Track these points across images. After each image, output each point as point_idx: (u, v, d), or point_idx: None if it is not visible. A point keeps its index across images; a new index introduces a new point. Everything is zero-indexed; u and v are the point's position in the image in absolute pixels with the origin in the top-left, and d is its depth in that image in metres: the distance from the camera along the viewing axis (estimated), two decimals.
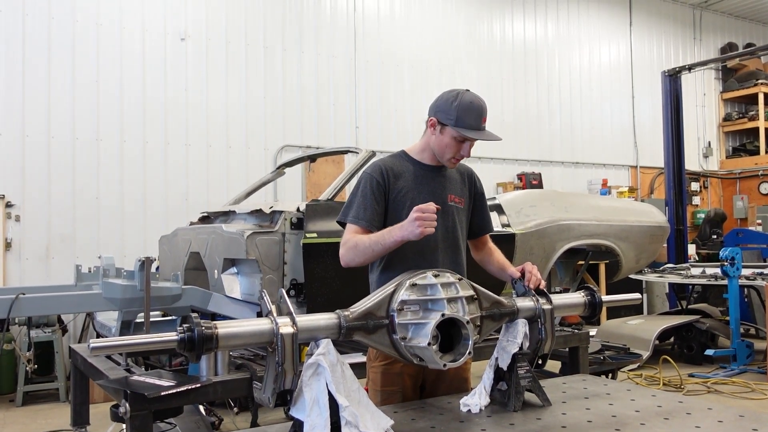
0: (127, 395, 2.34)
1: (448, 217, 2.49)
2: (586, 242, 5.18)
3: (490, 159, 10.08)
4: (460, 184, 2.58)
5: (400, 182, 2.46)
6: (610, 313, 8.61)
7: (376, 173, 2.44)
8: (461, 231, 2.54)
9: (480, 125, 2.42)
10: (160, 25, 7.64)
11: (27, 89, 6.87)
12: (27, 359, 5.42)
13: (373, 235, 2.30)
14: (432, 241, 2.42)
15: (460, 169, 2.63)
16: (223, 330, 1.67)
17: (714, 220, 11.44)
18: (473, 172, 2.69)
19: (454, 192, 2.54)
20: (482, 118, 2.43)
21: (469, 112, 2.41)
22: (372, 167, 2.49)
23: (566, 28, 11.24)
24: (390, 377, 2.44)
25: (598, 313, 2.34)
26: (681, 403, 2.16)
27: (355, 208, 2.41)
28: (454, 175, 2.58)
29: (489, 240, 2.71)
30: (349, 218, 2.40)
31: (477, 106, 2.43)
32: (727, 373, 6.50)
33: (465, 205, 2.58)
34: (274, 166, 7.36)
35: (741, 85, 13.15)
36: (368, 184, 2.43)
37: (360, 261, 2.34)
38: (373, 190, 2.41)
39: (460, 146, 2.44)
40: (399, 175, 2.47)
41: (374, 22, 9.19)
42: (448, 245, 2.47)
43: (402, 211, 2.42)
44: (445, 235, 2.48)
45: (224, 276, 3.94)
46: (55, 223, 6.90)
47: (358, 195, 2.43)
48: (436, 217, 2.15)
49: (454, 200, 2.53)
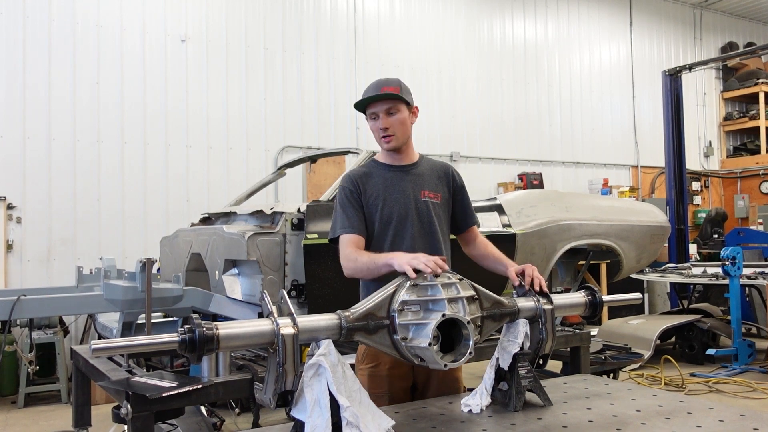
0: (129, 396, 2.34)
1: (422, 213, 2.51)
2: (587, 242, 5.18)
3: (491, 159, 10.09)
4: (435, 180, 2.60)
5: (371, 187, 2.51)
6: (612, 313, 8.61)
7: (348, 183, 2.53)
8: (440, 225, 2.55)
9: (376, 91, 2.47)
10: (161, 26, 7.65)
11: (28, 91, 6.88)
12: (28, 361, 5.42)
13: (370, 256, 2.32)
14: (408, 237, 2.46)
15: (436, 166, 2.66)
16: (224, 331, 1.67)
17: (715, 220, 11.43)
18: (450, 168, 2.70)
19: (428, 188, 2.56)
20: (380, 88, 2.47)
21: (367, 89, 2.50)
22: (343, 179, 2.58)
23: (566, 28, 11.24)
24: (376, 380, 2.46)
25: (599, 312, 2.34)
26: (682, 403, 2.16)
27: (339, 221, 2.47)
28: (428, 171, 2.61)
29: (478, 234, 2.70)
30: (338, 232, 2.46)
31: (373, 83, 2.52)
32: (729, 373, 6.50)
33: (442, 200, 2.59)
34: (274, 167, 7.37)
35: (741, 84, 13.14)
36: (343, 195, 2.51)
37: (360, 276, 2.40)
38: (349, 198, 2.49)
39: (375, 122, 2.50)
40: (369, 179, 2.53)
41: (374, 23, 9.20)
42: (426, 241, 2.48)
43: (375, 214, 2.48)
44: (422, 231, 2.50)
45: (225, 277, 3.94)
46: (56, 225, 6.91)
47: (338, 208, 2.50)
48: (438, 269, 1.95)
49: (428, 195, 2.54)
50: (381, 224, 2.49)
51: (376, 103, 2.47)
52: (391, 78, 2.53)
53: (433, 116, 9.52)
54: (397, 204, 2.50)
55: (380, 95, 2.45)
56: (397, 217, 2.48)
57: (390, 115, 2.48)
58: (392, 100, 2.47)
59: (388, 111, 2.47)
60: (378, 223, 2.49)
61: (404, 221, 2.48)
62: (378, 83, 2.49)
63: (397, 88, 2.47)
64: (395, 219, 2.48)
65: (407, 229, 2.48)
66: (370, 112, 2.50)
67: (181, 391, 2.39)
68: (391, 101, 2.47)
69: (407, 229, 2.48)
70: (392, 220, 2.48)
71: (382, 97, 2.45)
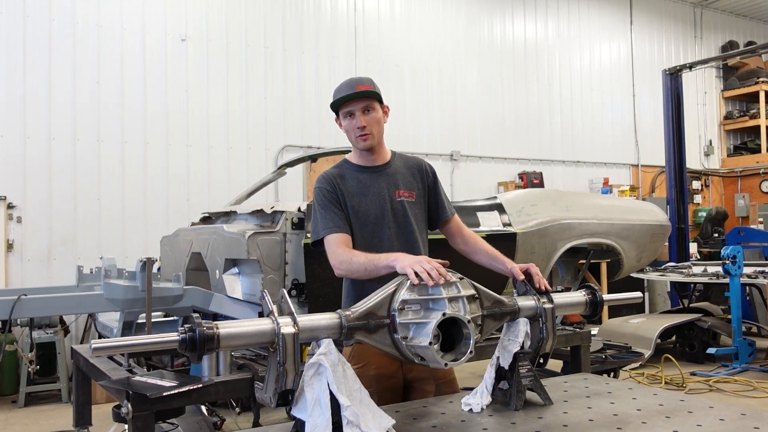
0: (129, 396, 2.34)
1: (398, 214, 2.50)
2: (587, 241, 5.17)
3: (491, 158, 10.09)
4: (409, 178, 2.59)
5: (346, 187, 2.50)
6: (612, 312, 8.61)
7: (324, 183, 2.51)
8: (417, 224, 2.54)
9: (351, 90, 2.45)
10: (161, 26, 7.65)
11: (28, 91, 6.88)
12: (29, 360, 5.43)
13: (368, 256, 2.29)
14: (386, 239, 2.46)
15: (409, 162, 2.64)
16: (225, 330, 1.67)
17: (715, 219, 11.43)
18: (423, 163, 2.68)
19: (402, 187, 2.55)
20: (355, 86, 2.46)
21: (340, 88, 2.49)
22: (318, 180, 2.54)
23: (566, 27, 11.24)
24: (364, 380, 2.41)
25: (599, 311, 2.34)
26: (683, 402, 2.15)
27: (322, 222, 2.45)
28: (401, 170, 2.59)
29: (462, 226, 2.66)
30: (322, 233, 2.43)
31: (346, 81, 2.50)
32: (729, 372, 6.50)
33: (418, 197, 2.58)
34: (274, 166, 7.37)
35: (742, 83, 13.14)
36: (321, 196, 2.48)
37: (354, 276, 2.37)
38: (328, 198, 2.47)
39: (352, 122, 2.48)
40: (343, 180, 2.52)
41: (374, 22, 9.20)
42: (402, 242, 2.48)
43: (351, 215, 2.47)
44: (398, 232, 2.49)
45: (225, 276, 3.94)
46: (57, 225, 6.91)
47: (318, 209, 2.48)
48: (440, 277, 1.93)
49: (403, 195, 2.53)
50: (357, 226, 2.47)
51: (351, 102, 2.45)
52: (363, 77, 2.51)
53: (433, 115, 9.53)
54: (372, 206, 2.49)
55: (357, 93, 2.43)
56: (374, 219, 2.48)
57: (366, 113, 2.47)
58: (368, 98, 2.46)
59: (365, 109, 2.46)
60: (354, 224, 2.47)
61: (380, 223, 2.48)
62: (351, 82, 2.47)
63: (371, 87, 2.47)
64: (372, 221, 2.48)
65: (384, 231, 2.47)
66: (345, 111, 2.48)
67: (181, 391, 2.39)
68: (367, 99, 2.46)
69: (384, 231, 2.47)
70: (369, 223, 2.48)
71: (359, 95, 2.44)
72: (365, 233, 2.47)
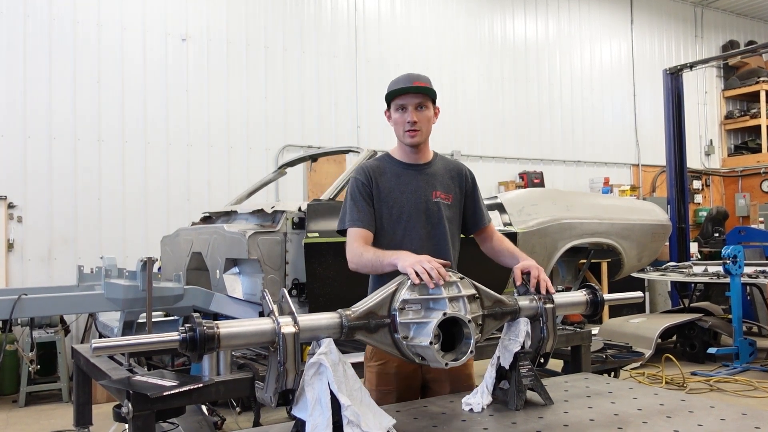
0: (130, 395, 2.34)
1: (432, 214, 2.50)
2: (587, 241, 5.17)
3: (492, 158, 10.09)
4: (447, 180, 2.58)
5: (383, 182, 2.50)
6: (612, 312, 8.60)
7: (360, 175, 2.51)
8: (449, 227, 2.53)
9: (409, 83, 2.45)
10: (161, 25, 7.65)
11: (28, 90, 6.88)
12: (29, 360, 5.43)
13: (376, 252, 2.32)
14: (417, 238, 2.45)
15: (450, 165, 2.64)
16: (225, 330, 1.67)
17: (716, 218, 11.43)
18: (464, 168, 2.68)
19: (440, 188, 2.54)
20: (412, 81, 2.45)
21: (397, 81, 2.49)
22: (356, 170, 2.56)
23: (567, 27, 11.23)
24: (384, 377, 2.47)
25: (600, 311, 2.34)
26: (683, 402, 2.15)
27: (349, 213, 2.47)
28: (441, 171, 2.58)
29: (494, 232, 2.67)
30: (347, 224, 2.46)
31: (404, 74, 2.50)
32: (730, 372, 6.50)
33: (454, 201, 2.57)
34: (275, 166, 7.36)
35: (743, 82, 13.13)
36: (355, 187, 2.49)
37: (364, 271, 2.40)
38: (360, 191, 2.47)
39: (403, 115, 2.46)
40: (382, 174, 2.51)
41: (375, 21, 9.19)
42: (433, 243, 2.47)
43: (385, 210, 2.47)
44: (431, 232, 2.49)
45: (226, 276, 3.94)
46: (57, 224, 6.91)
47: (348, 200, 2.49)
48: (440, 278, 1.94)
49: (439, 196, 2.53)
50: (390, 221, 2.48)
51: (406, 96, 2.45)
52: (421, 74, 2.51)
53: None
54: (407, 203, 2.48)
55: (413, 88, 2.43)
56: (407, 216, 2.47)
57: (418, 109, 2.46)
58: (423, 95, 2.45)
59: (418, 105, 2.46)
60: (386, 219, 2.48)
61: (413, 221, 2.47)
62: (410, 76, 2.47)
63: (428, 85, 2.47)
64: (405, 218, 2.47)
65: (416, 230, 2.47)
66: (398, 104, 2.47)
67: (182, 390, 2.40)
68: (421, 96, 2.45)
69: (416, 230, 2.47)
70: (401, 219, 2.47)
71: (415, 90, 2.43)
72: (397, 230, 2.47)
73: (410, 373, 2.47)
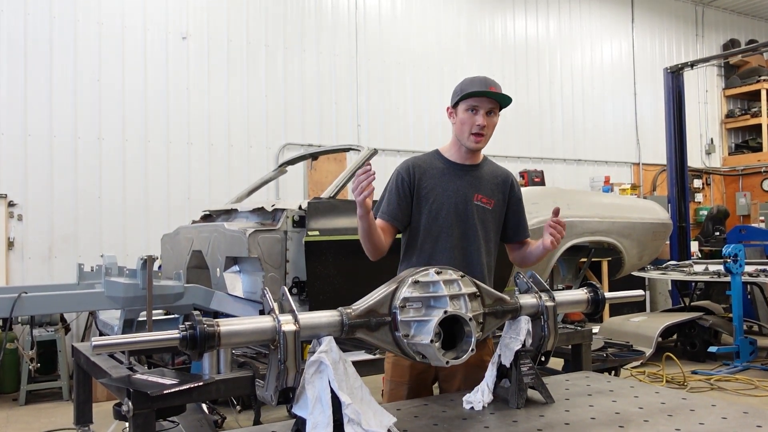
0: (130, 393, 2.34)
1: (470, 217, 2.49)
2: (588, 239, 5.17)
3: (493, 157, 10.00)
4: (492, 185, 2.56)
5: (426, 179, 2.49)
6: (613, 311, 8.60)
7: (403, 170, 2.51)
8: (485, 232, 2.52)
9: (485, 87, 2.43)
10: (162, 23, 7.64)
11: (29, 88, 6.87)
12: (30, 358, 5.42)
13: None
14: (450, 237, 2.45)
15: (497, 171, 2.62)
16: (225, 328, 1.67)
17: (717, 217, 11.42)
18: (511, 176, 2.66)
19: (483, 192, 2.53)
20: (488, 86, 2.43)
21: (473, 82, 2.47)
22: (401, 164, 2.56)
23: (568, 26, 11.22)
24: (399, 369, 2.49)
25: (600, 310, 2.34)
26: (684, 400, 2.15)
27: (381, 202, 2.51)
28: (488, 176, 2.57)
29: (529, 244, 2.67)
30: (376, 212, 2.48)
31: (481, 77, 2.49)
32: (731, 370, 6.50)
33: (495, 207, 2.55)
34: (275, 164, 7.35)
35: (743, 81, 13.12)
36: (394, 181, 2.51)
37: (365, 248, 2.42)
38: (398, 186, 2.48)
39: (473, 117, 2.44)
40: (426, 171, 2.50)
41: (376, 20, 9.18)
42: (465, 245, 2.47)
43: (425, 206, 2.47)
44: (465, 234, 2.48)
45: (226, 274, 3.94)
46: (58, 222, 6.91)
47: (386, 190, 2.52)
48: (369, 178, 2.12)
49: (481, 200, 2.51)
50: (428, 218, 2.47)
51: (481, 99, 2.43)
52: (495, 80, 2.48)
53: (434, 113, 9.50)
54: (447, 201, 2.48)
55: (491, 93, 2.41)
56: (444, 214, 2.47)
57: (489, 115, 2.45)
58: (497, 102, 2.44)
59: (489, 111, 2.44)
60: (425, 215, 2.47)
61: (450, 220, 2.47)
62: (486, 80, 2.45)
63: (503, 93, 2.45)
64: (442, 216, 2.47)
65: (451, 228, 2.46)
66: (469, 104, 2.44)
67: (182, 389, 2.40)
68: (494, 103, 2.44)
69: (451, 228, 2.46)
70: (439, 217, 2.47)
71: (492, 95, 2.42)
72: (433, 227, 2.47)
73: (424, 369, 2.47)
